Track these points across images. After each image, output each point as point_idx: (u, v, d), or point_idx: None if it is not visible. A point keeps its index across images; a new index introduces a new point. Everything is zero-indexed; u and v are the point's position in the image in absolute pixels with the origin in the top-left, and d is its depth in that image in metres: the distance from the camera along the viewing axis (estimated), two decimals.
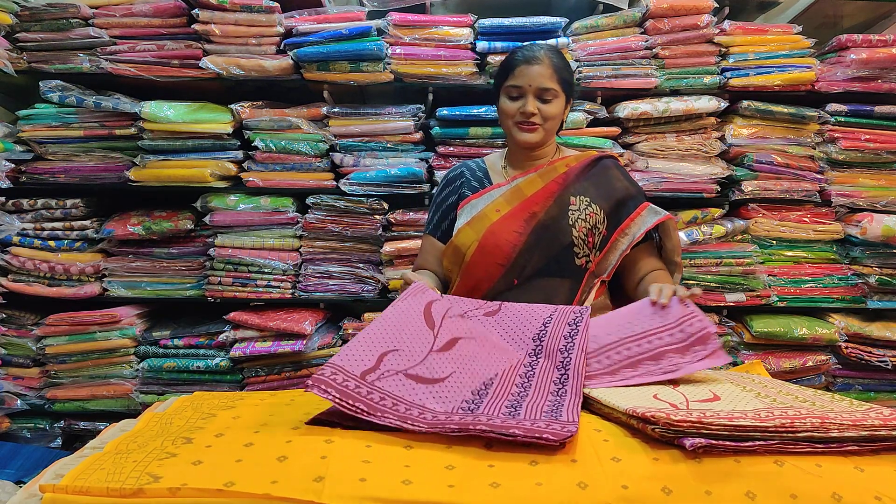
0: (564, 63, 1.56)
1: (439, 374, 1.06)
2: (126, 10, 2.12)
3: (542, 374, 1.12)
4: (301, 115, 2.20)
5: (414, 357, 1.07)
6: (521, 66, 1.51)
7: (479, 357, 1.15)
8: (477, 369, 1.11)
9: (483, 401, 1.02)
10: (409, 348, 1.09)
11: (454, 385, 1.05)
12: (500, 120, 1.60)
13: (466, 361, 1.12)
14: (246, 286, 2.21)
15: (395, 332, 1.11)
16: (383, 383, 0.99)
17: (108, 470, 0.75)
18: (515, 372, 1.13)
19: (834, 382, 2.32)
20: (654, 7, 2.18)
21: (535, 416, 0.94)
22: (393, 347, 1.07)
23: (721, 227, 2.26)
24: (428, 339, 1.13)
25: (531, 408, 0.98)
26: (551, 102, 1.52)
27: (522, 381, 1.10)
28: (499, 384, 1.08)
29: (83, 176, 2.17)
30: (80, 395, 2.19)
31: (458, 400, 1.01)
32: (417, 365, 1.06)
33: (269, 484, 0.73)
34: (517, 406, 0.99)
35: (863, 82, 2.23)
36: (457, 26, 2.19)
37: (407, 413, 0.92)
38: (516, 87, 1.51)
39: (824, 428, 0.82)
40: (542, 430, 0.84)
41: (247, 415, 0.99)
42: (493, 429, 0.84)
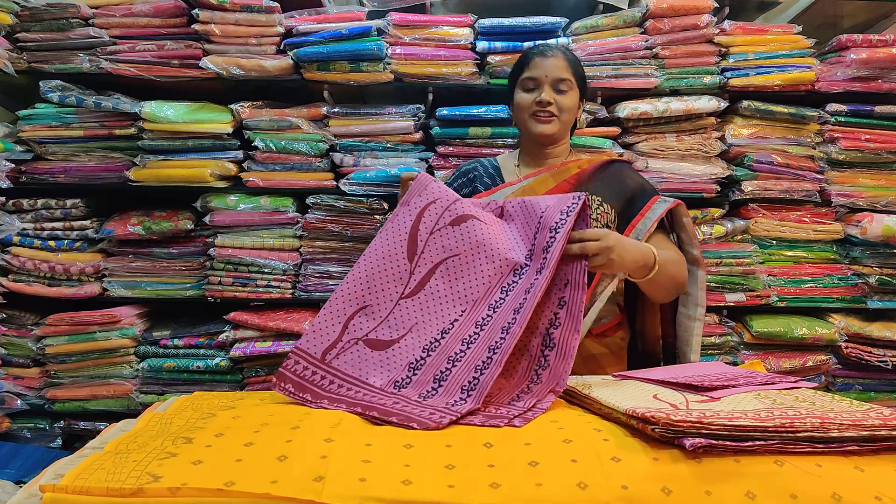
0: (577, 59, 1.59)
1: (399, 331, 1.19)
2: (126, 9, 2.12)
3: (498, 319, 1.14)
4: (301, 115, 2.20)
5: (381, 312, 1.21)
6: (537, 58, 1.54)
7: (451, 290, 1.22)
8: (441, 312, 1.20)
9: (416, 375, 1.12)
10: (380, 300, 1.22)
11: (405, 347, 1.17)
12: (515, 115, 1.61)
13: (434, 303, 1.21)
14: (246, 286, 2.21)
15: (371, 276, 1.23)
16: (340, 360, 1.15)
17: (108, 470, 0.75)
18: (479, 312, 1.18)
19: (834, 382, 2.32)
20: (654, 7, 2.18)
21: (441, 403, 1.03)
22: (363, 304, 1.21)
23: (721, 227, 2.26)
24: (403, 278, 1.23)
25: (448, 388, 1.07)
26: (567, 94, 1.53)
27: (471, 335, 1.15)
28: (451, 336, 1.16)
29: (83, 176, 2.17)
30: (80, 395, 2.19)
31: (396, 373, 1.13)
32: (380, 324, 1.20)
33: (269, 483, 0.73)
34: (439, 385, 1.08)
35: (863, 82, 2.23)
36: (457, 26, 2.19)
37: (347, 395, 1.08)
38: (532, 78, 1.53)
39: (824, 428, 0.82)
40: (415, 417, 0.95)
41: (247, 415, 0.99)
42: (399, 420, 0.95)
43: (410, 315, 1.20)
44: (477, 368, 1.08)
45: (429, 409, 1.00)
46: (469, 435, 0.89)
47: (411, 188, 1.34)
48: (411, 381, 1.11)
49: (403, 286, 1.23)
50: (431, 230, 1.26)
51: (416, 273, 1.23)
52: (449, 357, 1.12)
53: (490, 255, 1.23)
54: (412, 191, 1.33)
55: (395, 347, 1.16)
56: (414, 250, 1.25)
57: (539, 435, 0.88)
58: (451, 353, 1.13)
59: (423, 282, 1.22)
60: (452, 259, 1.24)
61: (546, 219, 1.22)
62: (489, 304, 1.18)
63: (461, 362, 1.10)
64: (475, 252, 1.24)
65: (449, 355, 1.13)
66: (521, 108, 1.56)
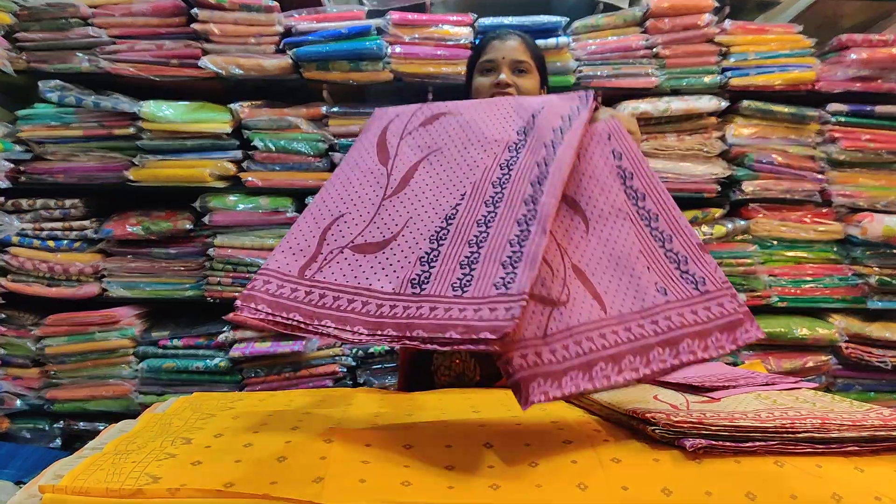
0: (536, 44, 1.54)
1: (391, 229, 0.94)
2: (125, 9, 2.12)
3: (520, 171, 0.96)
4: (300, 114, 2.20)
5: (363, 216, 0.97)
6: (494, 41, 1.50)
7: (441, 181, 1.00)
8: (439, 200, 0.97)
9: (434, 267, 0.86)
10: (358, 206, 0.98)
11: (405, 243, 0.92)
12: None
13: (425, 195, 0.98)
14: (245, 286, 2.20)
15: (342, 187, 1.02)
16: (325, 272, 0.89)
17: (107, 470, 0.75)
18: (490, 176, 0.98)
19: (834, 383, 2.32)
20: (655, 6, 2.18)
21: (485, 289, 0.79)
22: (338, 213, 0.98)
23: (722, 227, 2.26)
24: (380, 180, 1.01)
25: (488, 262, 0.83)
26: (526, 76, 1.48)
27: (494, 194, 0.94)
28: (460, 221, 0.93)
29: (82, 176, 2.17)
30: (79, 395, 2.19)
31: (407, 270, 0.87)
32: (366, 227, 0.95)
33: (269, 485, 0.73)
34: (474, 261, 0.85)
35: (863, 82, 2.23)
36: (457, 25, 2.19)
37: (348, 309, 0.81)
38: (489, 60, 1.48)
39: (825, 428, 0.82)
40: (480, 326, 0.74)
41: (246, 415, 0.99)
42: (430, 333, 0.75)
43: (400, 211, 0.96)
44: (512, 242, 0.86)
45: (484, 306, 0.76)
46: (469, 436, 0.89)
47: (370, 119, 1.17)
48: (430, 276, 0.85)
49: (383, 188, 1.00)
50: (401, 135, 1.08)
51: (395, 173, 1.02)
52: (469, 241, 0.89)
53: (477, 141, 1.04)
54: (371, 120, 1.17)
55: (392, 246, 0.92)
56: (386, 155, 1.05)
57: (539, 435, 0.88)
58: (470, 237, 0.90)
59: (406, 179, 1.00)
60: (434, 154, 1.04)
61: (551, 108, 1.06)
62: (492, 182, 0.97)
63: (487, 242, 0.87)
64: (458, 142, 1.05)
65: (468, 239, 0.89)
66: (479, 91, 1.49)
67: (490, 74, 1.49)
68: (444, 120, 1.09)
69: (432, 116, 1.10)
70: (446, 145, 1.04)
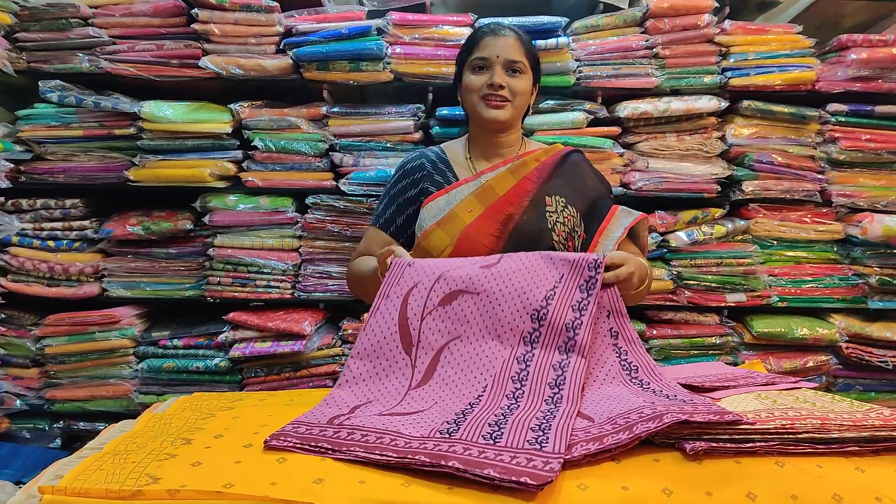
0: (530, 41, 1.49)
1: (420, 406, 0.99)
2: (125, 9, 2.12)
3: (538, 371, 1.02)
4: (300, 114, 2.20)
5: (390, 402, 1.01)
6: (487, 37, 1.43)
7: (464, 374, 1.05)
8: (462, 391, 1.02)
9: (466, 419, 0.90)
10: (385, 395, 1.03)
11: (434, 414, 0.95)
12: (464, 98, 1.50)
13: (450, 387, 1.03)
14: (245, 286, 2.21)
15: (369, 378, 1.06)
16: (354, 421, 0.92)
17: (107, 471, 0.75)
18: (509, 370, 1.04)
19: (835, 383, 2.32)
20: (655, 7, 2.18)
21: (519, 442, 0.82)
22: (366, 400, 1.02)
23: (722, 227, 2.26)
24: (406, 371, 1.07)
25: (517, 425, 0.87)
26: (520, 77, 1.44)
27: (514, 389, 1.00)
28: (487, 397, 0.99)
29: (82, 176, 2.17)
30: (79, 395, 2.19)
31: (437, 425, 0.90)
32: (395, 406, 1.00)
33: (269, 485, 0.73)
34: (502, 423, 0.88)
35: (863, 82, 2.23)
36: (457, 25, 2.19)
37: (376, 443, 0.83)
38: (482, 58, 1.42)
39: (825, 428, 0.82)
40: (520, 470, 0.75)
41: (246, 415, 0.99)
42: (466, 466, 0.74)
43: (426, 399, 1.01)
44: (546, 401, 0.95)
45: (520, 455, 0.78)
46: None
47: (387, 277, 1.19)
48: (459, 428, 0.87)
49: (408, 379, 1.06)
50: (422, 316, 1.11)
51: (419, 365, 1.07)
52: (496, 413, 0.93)
53: (495, 330, 1.09)
54: (388, 280, 1.18)
55: (420, 414, 0.95)
56: (409, 341, 1.09)
57: None
58: (497, 409, 0.95)
59: (430, 371, 1.06)
60: (454, 342, 1.09)
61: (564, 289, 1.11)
62: (511, 377, 1.03)
63: (518, 411, 0.93)
64: (476, 329, 1.10)
65: (495, 411, 0.94)
66: (470, 90, 1.44)
67: (482, 73, 1.43)
68: (461, 300, 1.12)
69: (451, 294, 1.13)
70: (465, 333, 1.10)
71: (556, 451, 0.78)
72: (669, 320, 2.27)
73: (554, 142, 1.63)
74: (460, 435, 0.85)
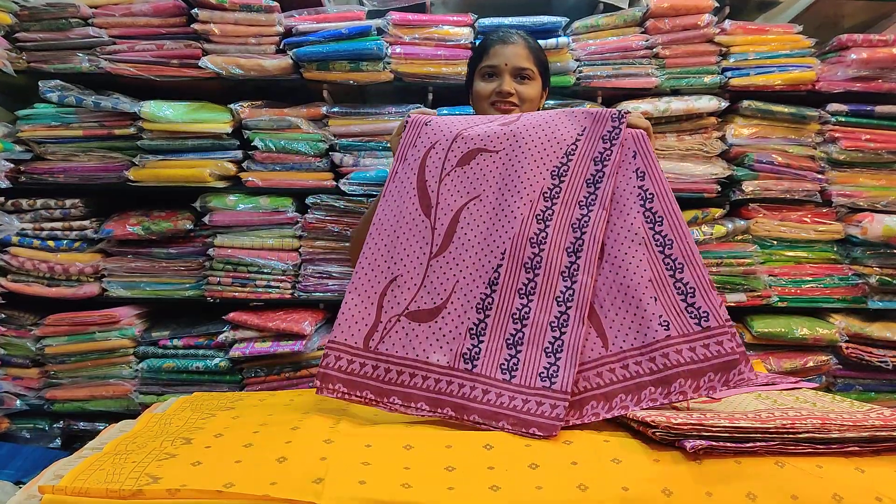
0: (539, 47, 1.53)
1: (441, 294, 1.06)
2: (125, 9, 2.12)
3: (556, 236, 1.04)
4: (300, 114, 2.20)
5: (413, 279, 1.08)
6: (497, 45, 1.47)
7: (483, 235, 1.09)
8: (481, 261, 1.07)
9: (483, 342, 1.00)
10: (408, 266, 1.08)
11: (455, 311, 1.04)
12: (475, 105, 1.55)
13: (469, 254, 1.08)
14: (245, 286, 2.20)
15: (390, 243, 1.11)
16: (387, 342, 1.02)
17: (107, 471, 0.75)
18: (527, 232, 1.06)
19: (835, 383, 2.32)
20: (655, 6, 2.18)
21: (531, 379, 0.94)
22: (392, 276, 1.08)
23: (722, 227, 2.26)
24: (426, 235, 1.10)
25: (531, 349, 0.96)
26: (528, 83, 1.48)
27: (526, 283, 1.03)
28: (502, 288, 1.04)
29: (82, 176, 2.16)
30: (79, 395, 2.19)
31: (459, 342, 1.00)
32: (418, 292, 1.06)
33: (269, 485, 0.73)
34: (516, 352, 0.97)
35: (863, 82, 2.23)
36: (457, 25, 2.19)
37: (412, 385, 0.96)
38: (491, 66, 1.47)
39: (825, 429, 0.82)
40: (530, 420, 0.87)
41: (246, 415, 0.99)
42: (483, 419, 0.89)
43: (448, 274, 1.07)
44: (553, 326, 0.97)
45: (531, 399, 0.88)
46: (469, 436, 0.89)
47: (403, 137, 1.21)
48: (480, 351, 0.98)
49: (429, 245, 1.09)
50: (440, 178, 1.13)
51: (439, 227, 1.10)
52: (512, 314, 1.00)
53: (514, 187, 1.10)
54: (405, 141, 1.20)
55: (443, 314, 1.03)
56: (428, 202, 1.12)
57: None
58: (513, 309, 1.01)
59: (450, 233, 1.09)
60: (473, 202, 1.11)
61: (587, 140, 1.11)
62: (529, 238, 1.06)
63: (530, 319, 0.99)
64: (495, 188, 1.12)
65: (511, 312, 1.01)
66: (480, 97, 1.49)
67: (491, 80, 1.48)
68: (480, 159, 1.14)
69: (469, 153, 1.15)
70: (484, 192, 1.12)
71: (564, 390, 0.88)
72: None
73: None
74: (480, 367, 0.97)
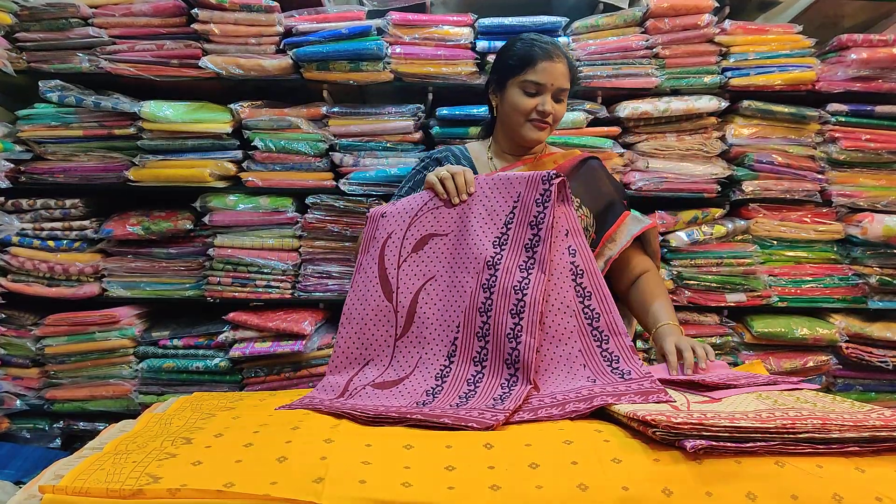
0: (574, 64, 1.57)
1: (405, 370, 1.17)
2: (125, 9, 2.12)
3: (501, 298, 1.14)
4: (300, 114, 2.20)
5: (383, 361, 1.20)
6: (545, 62, 1.44)
7: (440, 311, 1.20)
8: (440, 336, 1.18)
9: (438, 396, 1.08)
10: (377, 351, 1.21)
11: (416, 380, 1.14)
12: (507, 113, 1.53)
13: (429, 330, 1.19)
14: (245, 286, 2.21)
15: (360, 330, 1.22)
16: (354, 399, 1.11)
17: (107, 470, 0.75)
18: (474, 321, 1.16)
19: (835, 383, 2.32)
20: (655, 7, 2.18)
21: (479, 407, 1.01)
22: (364, 361, 1.20)
23: (722, 227, 2.26)
24: (390, 319, 1.22)
25: (478, 405, 1.04)
26: (563, 103, 1.51)
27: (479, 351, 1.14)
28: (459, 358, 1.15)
29: (82, 176, 2.16)
30: (79, 395, 2.19)
31: (417, 397, 1.09)
32: (385, 370, 1.18)
33: (269, 485, 0.73)
34: (468, 400, 1.06)
35: (863, 82, 2.23)
36: (457, 25, 2.19)
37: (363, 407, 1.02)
38: (537, 83, 1.45)
39: (825, 429, 0.82)
40: (468, 418, 0.92)
41: (246, 415, 0.99)
42: (426, 417, 0.93)
43: (412, 352, 1.19)
44: (503, 385, 1.07)
45: (474, 411, 0.98)
46: (469, 436, 0.89)
47: (364, 231, 1.34)
48: (434, 400, 1.08)
49: (394, 328, 1.22)
50: (398, 264, 1.26)
51: (400, 309, 1.22)
52: (467, 380, 1.11)
53: (463, 263, 1.22)
54: (366, 235, 1.33)
55: (405, 383, 1.15)
56: (389, 288, 1.24)
57: (539, 436, 0.88)
58: (468, 375, 1.12)
59: (410, 314, 1.21)
60: (430, 282, 1.23)
61: (521, 208, 1.22)
62: (478, 308, 1.16)
63: (482, 384, 1.10)
64: (448, 267, 1.24)
65: (466, 377, 1.12)
66: (518, 111, 1.48)
67: (534, 97, 1.47)
68: (432, 243, 1.27)
69: (422, 239, 1.28)
70: (438, 272, 1.25)
71: (506, 409, 0.96)
72: None
73: (554, 142, 1.65)
74: (434, 405, 1.05)
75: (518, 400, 1.00)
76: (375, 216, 1.33)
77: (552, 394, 1.04)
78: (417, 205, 1.33)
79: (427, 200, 1.33)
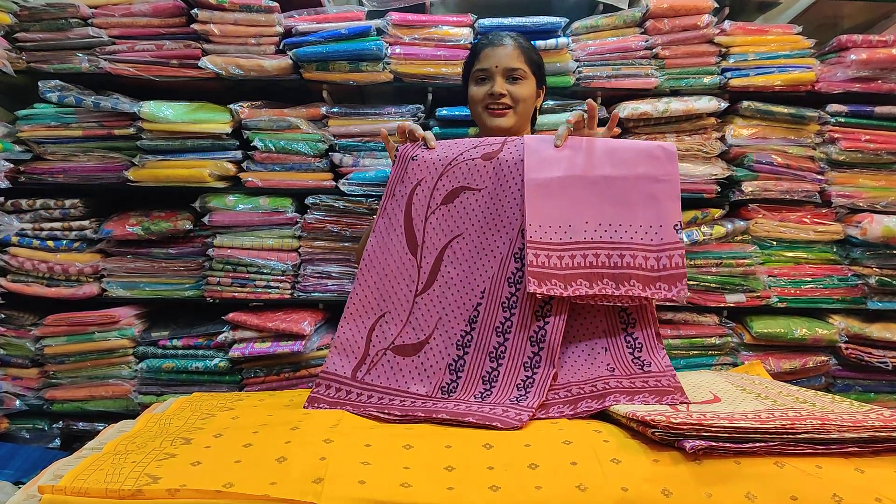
0: (532, 46, 1.55)
1: (424, 330, 1.13)
2: (125, 9, 2.12)
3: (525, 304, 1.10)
4: (300, 115, 2.20)
5: (400, 315, 1.15)
6: (486, 48, 1.49)
7: (465, 272, 1.15)
8: (462, 299, 1.14)
9: (461, 377, 1.07)
10: (395, 304, 1.16)
11: (437, 347, 1.11)
12: (471, 110, 1.57)
13: (451, 292, 1.15)
14: (245, 286, 2.20)
15: (380, 280, 1.17)
16: (373, 374, 1.09)
17: (106, 471, 0.75)
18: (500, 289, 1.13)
19: (834, 383, 2.32)
20: (654, 7, 2.18)
21: (501, 402, 1.00)
22: (380, 312, 1.15)
23: (721, 227, 2.26)
24: (412, 273, 1.17)
25: (503, 390, 1.03)
26: (520, 83, 1.49)
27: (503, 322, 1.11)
28: (481, 326, 1.11)
29: (82, 176, 2.16)
30: (78, 395, 2.19)
31: (439, 376, 1.07)
32: (403, 327, 1.14)
33: (268, 485, 0.73)
34: (490, 387, 1.04)
35: (863, 83, 2.23)
36: (456, 26, 2.19)
37: (389, 404, 1.02)
38: (483, 69, 1.49)
39: (825, 429, 0.82)
40: (493, 416, 0.92)
41: (246, 415, 0.99)
42: (450, 416, 0.93)
43: (431, 311, 1.14)
44: (526, 366, 1.04)
45: (498, 407, 0.96)
46: (468, 436, 0.89)
47: (392, 173, 1.27)
48: (458, 385, 1.05)
49: (415, 283, 1.16)
50: (426, 216, 1.19)
51: (424, 265, 1.17)
52: (489, 353, 1.08)
53: (495, 225, 1.16)
54: (394, 176, 1.26)
55: (426, 350, 1.11)
56: (414, 241, 1.18)
57: (539, 436, 0.88)
58: (490, 348, 1.08)
59: (434, 272, 1.16)
60: (456, 240, 1.17)
61: None
62: (507, 278, 1.12)
63: (505, 359, 1.07)
64: (478, 226, 1.17)
65: (488, 350, 1.08)
66: (474, 101, 1.51)
67: (483, 84, 1.50)
68: (463, 197, 1.20)
69: (453, 191, 1.21)
70: (467, 230, 1.18)
71: (530, 406, 0.95)
72: (669, 320, 2.27)
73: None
74: (456, 396, 1.04)
75: (541, 394, 0.98)
76: (405, 157, 1.26)
77: (567, 385, 1.03)
78: (452, 154, 1.25)
79: (463, 150, 1.24)
